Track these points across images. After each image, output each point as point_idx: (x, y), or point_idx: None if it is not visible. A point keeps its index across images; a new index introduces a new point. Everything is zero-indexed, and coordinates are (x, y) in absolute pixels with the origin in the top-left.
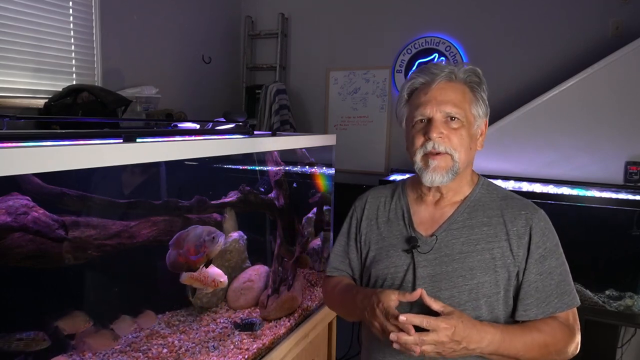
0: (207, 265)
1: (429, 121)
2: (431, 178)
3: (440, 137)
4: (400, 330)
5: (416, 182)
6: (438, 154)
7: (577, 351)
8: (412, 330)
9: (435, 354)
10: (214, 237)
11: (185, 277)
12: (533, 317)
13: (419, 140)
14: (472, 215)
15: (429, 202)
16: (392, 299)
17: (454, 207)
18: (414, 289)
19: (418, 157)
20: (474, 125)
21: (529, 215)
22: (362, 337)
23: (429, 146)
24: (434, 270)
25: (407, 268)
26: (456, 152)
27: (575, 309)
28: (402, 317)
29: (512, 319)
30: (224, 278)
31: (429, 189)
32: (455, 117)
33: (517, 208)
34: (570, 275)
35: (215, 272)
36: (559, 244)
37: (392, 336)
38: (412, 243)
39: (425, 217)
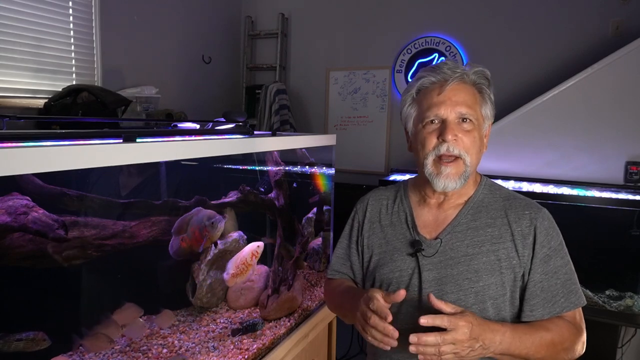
0: (215, 245)
1: (443, 122)
2: (444, 184)
3: (455, 139)
4: (384, 332)
5: (418, 184)
6: (451, 159)
7: (584, 350)
8: (396, 333)
9: (453, 355)
10: (213, 223)
11: (229, 279)
12: (539, 317)
13: (432, 142)
14: (476, 216)
15: (432, 205)
16: (377, 297)
17: (457, 209)
18: (420, 292)
19: (429, 161)
20: (484, 127)
21: (532, 214)
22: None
23: (443, 149)
24: (439, 274)
25: (412, 272)
26: (468, 155)
27: (580, 309)
28: (423, 320)
29: (518, 320)
30: (257, 245)
31: (434, 192)
32: (468, 119)
33: (521, 208)
34: (575, 275)
35: (245, 252)
36: (563, 243)
37: (412, 338)
38: (416, 246)
39: (429, 219)
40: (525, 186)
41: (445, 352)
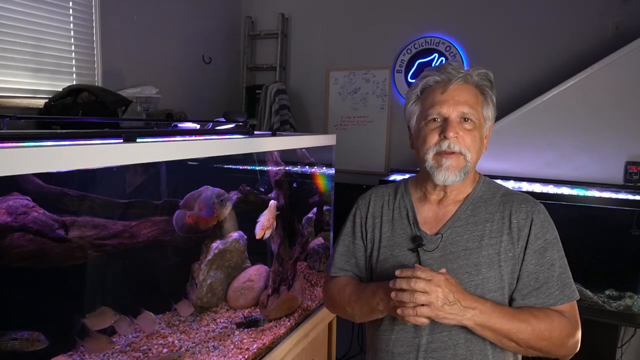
0: (221, 225)
1: (445, 120)
2: (444, 177)
3: (456, 137)
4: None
5: (419, 181)
6: (452, 153)
7: (577, 348)
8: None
9: (427, 308)
10: (222, 200)
11: (259, 232)
12: (531, 305)
13: (433, 138)
14: (474, 212)
15: (433, 201)
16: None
17: (457, 205)
18: None
19: (430, 155)
20: (484, 128)
21: (529, 208)
22: (368, 336)
23: (444, 145)
24: (439, 268)
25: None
26: (469, 152)
27: (575, 304)
28: (398, 271)
29: None
30: (275, 202)
31: (434, 187)
32: (469, 119)
33: (518, 202)
34: (569, 270)
35: (272, 206)
36: (559, 238)
37: (392, 294)
38: (417, 242)
39: (429, 216)
40: (525, 186)
41: (419, 298)
